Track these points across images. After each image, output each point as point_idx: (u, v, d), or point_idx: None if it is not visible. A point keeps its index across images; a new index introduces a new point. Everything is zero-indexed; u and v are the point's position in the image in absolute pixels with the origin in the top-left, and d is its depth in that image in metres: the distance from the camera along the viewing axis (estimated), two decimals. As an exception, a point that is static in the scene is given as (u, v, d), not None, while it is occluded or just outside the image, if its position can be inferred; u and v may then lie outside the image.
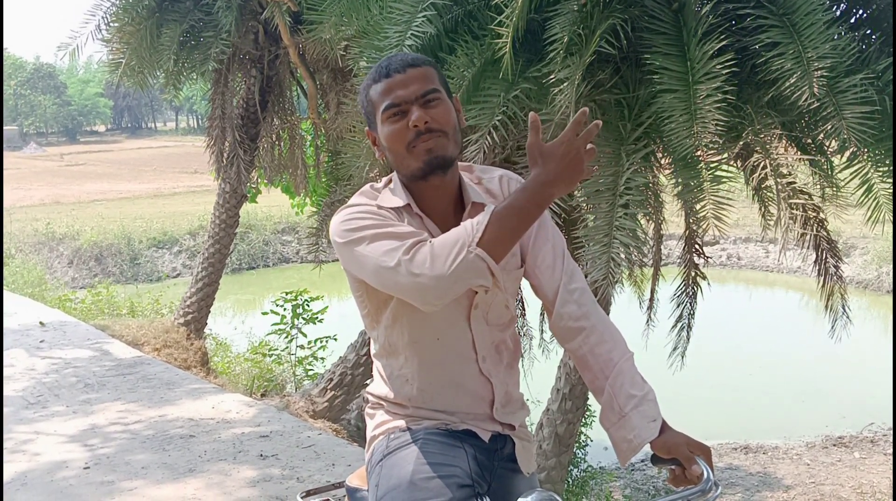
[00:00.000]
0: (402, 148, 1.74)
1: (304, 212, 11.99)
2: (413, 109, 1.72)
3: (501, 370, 1.91)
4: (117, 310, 12.62)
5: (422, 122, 1.71)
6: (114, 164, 53.26)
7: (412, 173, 1.77)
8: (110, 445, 5.42)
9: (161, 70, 8.78)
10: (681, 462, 1.67)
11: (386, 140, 1.76)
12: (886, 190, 3.95)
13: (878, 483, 8.13)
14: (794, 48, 3.63)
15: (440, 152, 1.74)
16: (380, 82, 1.76)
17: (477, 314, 1.85)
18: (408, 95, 1.73)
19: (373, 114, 1.79)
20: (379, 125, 1.77)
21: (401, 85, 1.73)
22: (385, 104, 1.74)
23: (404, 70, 1.74)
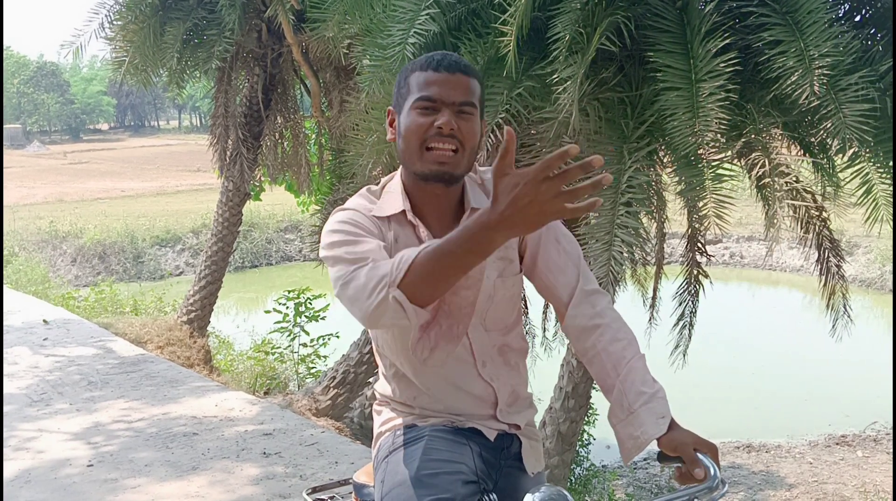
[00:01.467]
0: (416, 143, 1.72)
1: (309, 210, 12.01)
2: (444, 111, 1.70)
3: (505, 371, 1.91)
4: (121, 308, 12.65)
5: (448, 126, 1.69)
6: (117, 162, 53.32)
7: (414, 172, 1.76)
8: (114, 443, 5.43)
9: (164, 68, 8.79)
10: (685, 460, 1.66)
11: (405, 128, 1.74)
12: (886, 191, 3.94)
13: (881, 482, 8.13)
14: (796, 46, 3.63)
15: (450, 169, 1.73)
16: (425, 71, 1.73)
17: (474, 322, 1.84)
18: (446, 96, 1.71)
19: (404, 96, 1.76)
20: (405, 110, 1.74)
21: (444, 84, 1.71)
22: (421, 94, 1.71)
23: (453, 71, 1.72)
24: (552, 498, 1.42)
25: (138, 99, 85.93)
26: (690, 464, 1.64)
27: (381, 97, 5.03)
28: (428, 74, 1.72)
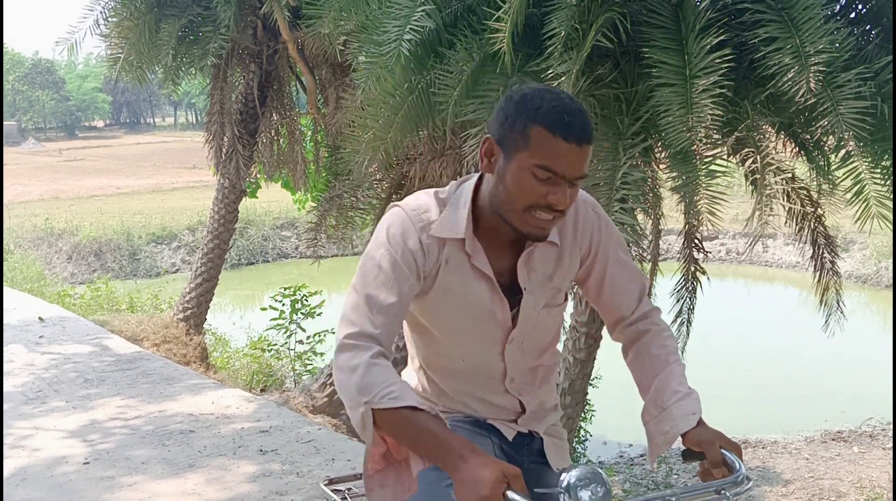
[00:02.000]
0: (521, 204, 1.64)
1: (305, 207, 12.00)
2: (562, 186, 1.62)
3: (533, 387, 1.93)
4: (116, 305, 12.63)
5: (561, 205, 1.63)
6: (112, 159, 53.22)
7: (506, 221, 1.69)
8: (110, 440, 5.42)
9: (159, 65, 8.78)
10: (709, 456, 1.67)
11: (513, 185, 1.63)
12: (878, 190, 3.94)
13: (876, 478, 8.14)
14: (791, 43, 3.63)
15: (547, 233, 1.70)
16: (555, 138, 1.59)
17: (512, 347, 1.85)
18: (570, 173, 1.61)
19: (518, 145, 1.62)
20: (515, 161, 1.62)
21: (571, 159, 1.60)
22: (546, 164, 1.60)
23: (581, 144, 1.60)
24: (586, 476, 1.43)
25: (134, 96, 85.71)
26: (713, 461, 1.66)
27: (377, 94, 5.03)
28: (557, 142, 1.59)
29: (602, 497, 1.42)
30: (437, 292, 1.78)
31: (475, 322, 1.81)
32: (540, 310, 1.84)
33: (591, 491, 1.42)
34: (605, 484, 1.43)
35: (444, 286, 1.78)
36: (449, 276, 1.77)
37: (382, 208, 8.39)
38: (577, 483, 1.42)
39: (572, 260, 1.85)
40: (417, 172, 7.34)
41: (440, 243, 1.75)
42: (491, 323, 1.82)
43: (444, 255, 1.76)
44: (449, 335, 1.85)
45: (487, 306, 1.80)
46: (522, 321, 1.82)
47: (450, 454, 1.50)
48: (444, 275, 1.77)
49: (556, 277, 1.83)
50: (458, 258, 1.77)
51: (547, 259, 1.81)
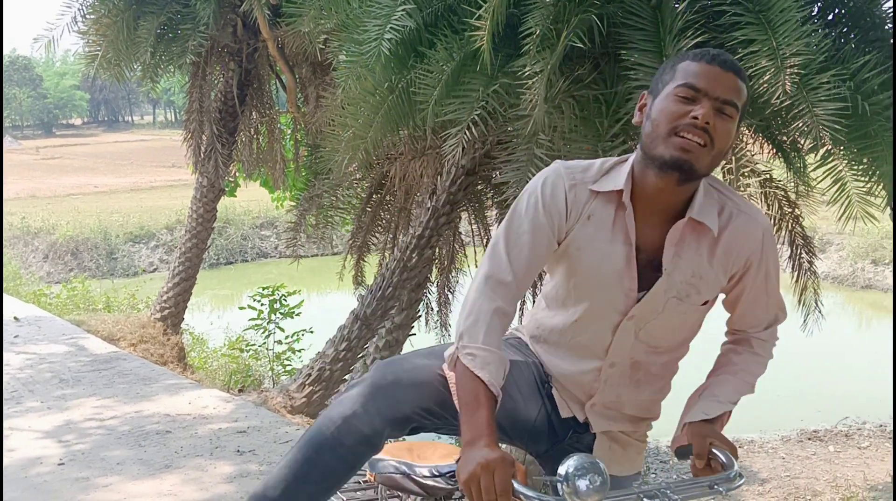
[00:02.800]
0: (665, 127, 1.63)
1: (284, 206, 11.96)
2: (705, 103, 1.61)
3: (624, 381, 1.88)
4: (93, 305, 12.51)
5: (704, 119, 1.60)
6: (90, 157, 52.73)
7: (654, 157, 1.67)
8: (86, 441, 5.37)
9: (138, 62, 8.71)
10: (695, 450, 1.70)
11: (658, 112, 1.65)
12: (859, 188, 3.98)
13: (852, 477, 8.22)
14: (768, 45, 3.66)
15: (692, 159, 1.62)
16: (699, 62, 1.64)
17: (629, 325, 1.80)
18: (712, 90, 1.62)
19: (665, 82, 1.68)
20: (662, 94, 1.67)
21: (713, 77, 1.63)
22: (686, 82, 1.63)
23: (726, 69, 1.64)
24: (584, 466, 1.43)
25: (112, 94, 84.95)
26: (698, 452, 1.69)
27: (357, 93, 5.01)
28: (700, 64, 1.64)
29: (599, 486, 1.42)
30: (570, 246, 1.77)
31: (600, 285, 1.77)
32: (670, 299, 1.77)
33: (588, 480, 1.42)
34: (602, 474, 1.43)
35: (579, 243, 1.76)
36: (587, 230, 1.75)
37: (362, 207, 8.38)
38: (574, 473, 1.42)
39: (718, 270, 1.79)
40: (398, 171, 7.33)
41: (589, 198, 1.75)
42: (615, 290, 1.77)
43: (588, 209, 1.75)
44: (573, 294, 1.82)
45: (617, 272, 1.75)
46: (647, 301, 1.76)
47: (469, 431, 1.55)
48: (581, 230, 1.75)
49: (700, 274, 1.76)
50: (603, 216, 1.74)
51: (698, 250, 1.75)
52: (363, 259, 8.61)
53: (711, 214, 1.73)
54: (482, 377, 1.60)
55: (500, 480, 1.45)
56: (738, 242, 1.76)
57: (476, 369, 1.61)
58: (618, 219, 1.73)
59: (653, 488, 1.53)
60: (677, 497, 1.52)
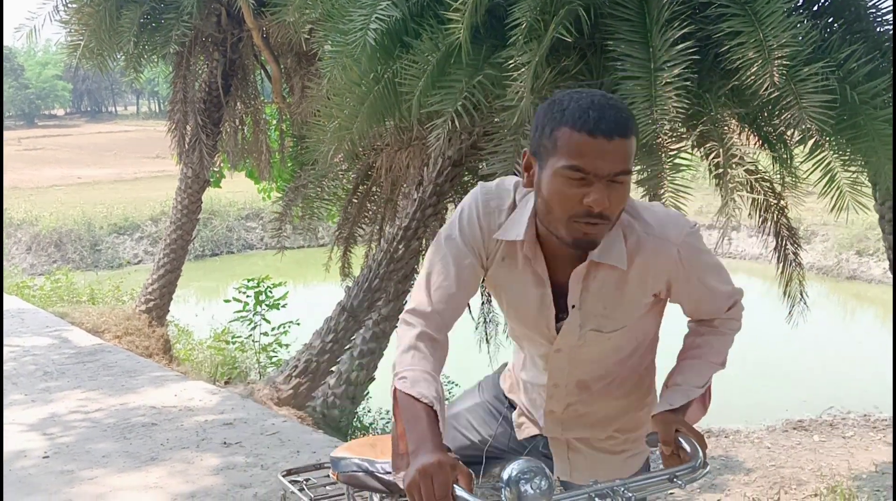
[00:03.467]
0: (561, 214, 1.56)
1: (270, 197, 11.90)
2: (597, 186, 1.52)
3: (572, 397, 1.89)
4: (77, 297, 12.42)
5: (599, 207, 1.52)
6: (73, 148, 52.30)
7: (553, 233, 1.63)
8: (70, 434, 5.33)
9: (121, 52, 8.64)
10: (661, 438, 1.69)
11: (548, 194, 1.57)
12: (849, 178, 3.99)
13: (836, 466, 8.28)
14: (755, 37, 3.66)
15: (595, 238, 1.59)
16: (578, 132, 1.50)
17: (559, 356, 1.82)
18: (600, 169, 1.51)
19: (548, 151, 1.55)
20: (548, 169, 1.56)
21: (599, 154, 1.50)
22: (572, 164, 1.51)
23: (611, 137, 1.50)
24: (530, 470, 1.40)
25: (95, 84, 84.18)
26: (664, 440, 1.68)
27: (342, 83, 4.98)
28: (581, 137, 1.50)
29: (545, 490, 1.39)
30: (494, 281, 1.81)
31: (524, 321, 1.83)
32: (587, 331, 1.75)
33: (531, 485, 1.39)
34: (548, 478, 1.40)
35: (498, 281, 1.79)
36: (504, 272, 1.76)
37: (349, 198, 8.35)
38: (518, 477, 1.39)
39: (639, 296, 1.74)
40: (384, 162, 7.30)
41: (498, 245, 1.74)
42: (538, 325, 1.80)
43: (500, 252, 1.74)
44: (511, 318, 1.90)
45: (536, 310, 1.77)
46: (563, 336, 1.77)
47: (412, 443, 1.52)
48: (497, 270, 1.77)
49: (612, 306, 1.73)
50: (514, 259, 1.74)
51: (605, 283, 1.71)
52: (350, 251, 8.58)
53: (617, 249, 1.67)
54: (415, 394, 1.58)
55: (440, 484, 1.41)
56: (652, 267, 1.71)
57: (408, 389, 1.59)
58: (526, 263, 1.73)
59: (605, 487, 1.48)
60: (631, 495, 1.49)
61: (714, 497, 7.62)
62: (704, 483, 8.10)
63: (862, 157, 4.02)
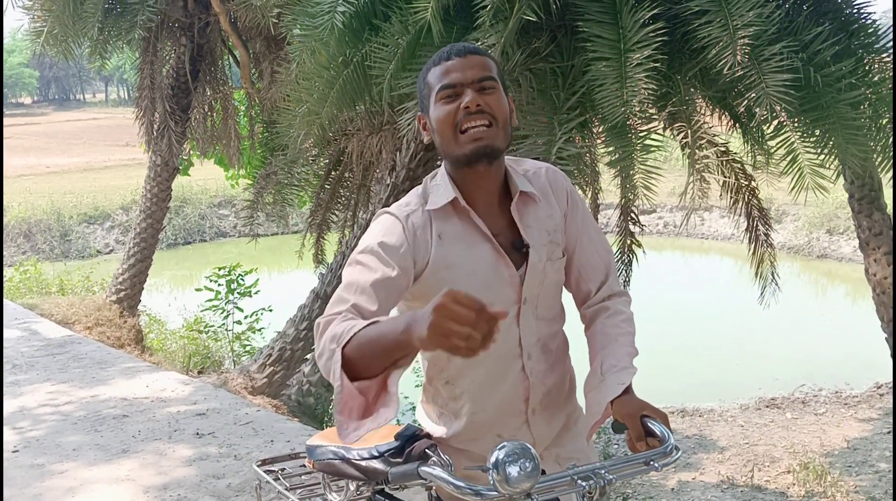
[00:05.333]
0: (450, 131, 1.73)
1: (240, 184, 11.78)
2: (467, 91, 1.72)
3: (543, 369, 1.89)
4: (46, 288, 12.25)
5: (474, 104, 1.70)
6: (41, 137, 51.52)
7: (457, 159, 1.76)
8: (40, 427, 5.26)
9: (86, 38, 8.46)
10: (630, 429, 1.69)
11: (436, 122, 1.75)
12: (811, 159, 4.01)
13: (808, 443, 8.39)
14: (721, 16, 3.65)
15: (488, 142, 1.73)
16: (439, 65, 1.76)
17: (526, 309, 1.83)
18: (464, 78, 1.72)
19: (427, 96, 1.78)
20: (432, 107, 1.76)
21: (458, 68, 1.73)
22: (441, 84, 1.73)
23: (464, 55, 1.75)
24: (515, 451, 1.40)
25: (62, 71, 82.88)
26: (636, 434, 1.68)
27: (311, 67, 4.92)
28: (441, 66, 1.75)
29: (530, 472, 1.39)
30: (436, 271, 1.77)
31: (484, 287, 1.77)
32: (545, 264, 1.84)
33: (519, 467, 1.39)
34: (533, 459, 1.40)
35: (443, 262, 1.78)
36: (445, 249, 1.78)
37: (321, 184, 8.28)
38: (505, 459, 1.39)
39: (556, 215, 1.87)
40: (355, 148, 7.25)
41: (427, 223, 1.78)
42: (499, 284, 1.80)
43: (434, 232, 1.78)
44: None
45: (492, 267, 1.79)
46: (530, 276, 1.81)
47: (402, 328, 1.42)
48: (438, 251, 1.77)
49: (551, 231, 1.85)
50: (451, 229, 1.78)
51: (536, 215, 1.84)
52: (323, 237, 8.53)
53: (526, 183, 1.85)
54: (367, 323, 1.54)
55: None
56: (550, 185, 1.89)
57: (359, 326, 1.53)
58: (465, 223, 1.79)
59: (587, 469, 1.51)
60: (612, 477, 1.52)
61: (689, 475, 7.69)
62: (679, 462, 8.17)
63: (826, 138, 4.03)
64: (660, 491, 7.19)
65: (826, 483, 6.93)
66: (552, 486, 1.49)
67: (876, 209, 6.39)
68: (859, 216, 6.46)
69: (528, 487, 1.40)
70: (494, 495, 1.41)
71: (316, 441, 2.14)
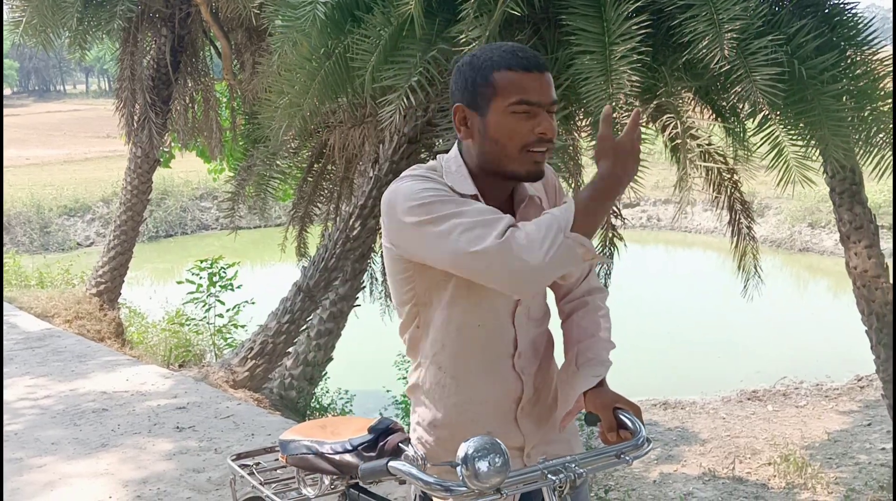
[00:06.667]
0: (516, 147, 1.67)
1: (221, 177, 11.70)
2: (543, 115, 1.66)
3: (533, 369, 1.87)
4: (25, 281, 12.14)
5: (551, 133, 1.67)
6: (21, 128, 50.98)
7: (504, 172, 1.71)
8: (18, 421, 5.20)
9: (65, 29, 8.36)
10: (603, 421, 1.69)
11: (500, 133, 1.67)
12: (796, 152, 4.02)
13: (789, 435, 8.45)
14: (706, 10, 3.65)
15: (542, 167, 1.71)
16: (516, 71, 1.66)
17: (521, 310, 1.81)
18: (544, 99, 1.66)
19: (488, 97, 1.67)
20: (493, 112, 1.67)
21: (539, 85, 1.66)
22: (519, 98, 1.65)
23: (543, 71, 1.67)
24: (484, 446, 1.39)
25: (42, 62, 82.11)
26: (608, 425, 1.68)
27: (293, 59, 4.88)
28: (520, 74, 1.66)
29: (500, 467, 1.38)
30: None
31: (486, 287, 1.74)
32: None
33: (488, 462, 1.38)
34: (503, 455, 1.39)
35: None
36: None
37: (303, 177, 8.23)
38: (474, 454, 1.38)
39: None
40: (338, 140, 7.20)
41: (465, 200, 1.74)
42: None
43: None
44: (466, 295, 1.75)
45: None
46: None
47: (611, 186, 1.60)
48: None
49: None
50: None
51: (538, 211, 1.80)
52: (306, 230, 8.48)
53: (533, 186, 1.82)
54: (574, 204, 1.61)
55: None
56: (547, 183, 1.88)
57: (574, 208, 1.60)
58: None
59: (557, 463, 1.51)
60: (582, 470, 1.51)
61: (671, 467, 7.73)
62: (661, 453, 8.21)
63: (810, 131, 4.04)
64: (642, 483, 7.22)
65: (807, 475, 6.98)
66: (522, 480, 1.48)
67: (857, 203, 6.41)
68: (840, 210, 6.48)
69: (497, 482, 1.39)
70: (464, 490, 1.40)
71: (289, 436, 2.12)
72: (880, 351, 6.51)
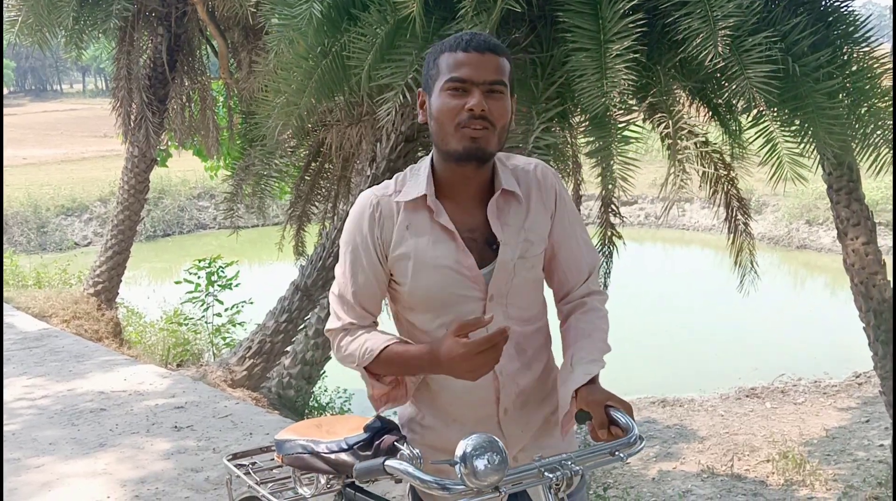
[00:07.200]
0: (449, 124, 1.73)
1: (219, 176, 11.69)
2: (475, 92, 1.71)
3: (515, 368, 1.86)
4: (23, 281, 12.12)
5: (479, 108, 1.70)
6: (18, 128, 50.89)
7: (448, 153, 1.76)
8: (16, 421, 5.20)
9: (61, 28, 8.34)
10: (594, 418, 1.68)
11: (437, 111, 1.74)
12: (790, 149, 4.02)
13: (787, 432, 8.46)
14: (700, 7, 3.64)
15: (483, 145, 1.73)
16: (455, 52, 1.73)
17: (494, 306, 1.81)
18: (476, 76, 1.71)
19: (434, 78, 1.76)
20: (435, 92, 1.75)
21: (474, 64, 1.72)
22: (451, 76, 1.72)
23: (483, 51, 1.72)
24: (482, 445, 1.40)
25: (39, 61, 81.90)
26: (599, 422, 1.67)
27: (290, 57, 4.88)
28: (457, 55, 1.73)
29: (498, 465, 1.39)
30: (400, 260, 1.80)
31: (447, 282, 1.79)
32: (516, 261, 1.81)
33: (486, 460, 1.38)
34: (501, 453, 1.39)
35: (406, 252, 1.79)
36: (411, 240, 1.79)
37: (301, 176, 8.23)
38: (472, 453, 1.39)
39: (540, 216, 1.86)
40: (335, 139, 7.20)
41: (397, 210, 1.81)
42: (462, 280, 1.79)
43: (403, 221, 1.80)
44: (427, 307, 1.82)
45: (452, 261, 1.78)
46: (498, 272, 1.80)
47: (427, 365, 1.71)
48: (404, 241, 1.79)
49: (527, 229, 1.83)
50: (419, 221, 1.79)
51: (517, 213, 1.83)
52: (303, 229, 8.48)
53: (511, 179, 1.84)
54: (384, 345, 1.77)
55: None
56: (539, 182, 1.88)
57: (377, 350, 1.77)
58: (432, 220, 1.80)
59: (553, 461, 1.51)
60: (578, 468, 1.51)
61: (669, 465, 7.74)
62: (660, 451, 8.22)
63: (804, 127, 4.04)
64: (640, 481, 7.23)
65: (805, 472, 7.00)
66: (519, 478, 1.49)
67: (854, 200, 6.42)
68: (837, 207, 6.49)
69: (495, 480, 1.39)
70: (462, 489, 1.40)
71: (285, 435, 2.11)
72: (878, 348, 6.52)
